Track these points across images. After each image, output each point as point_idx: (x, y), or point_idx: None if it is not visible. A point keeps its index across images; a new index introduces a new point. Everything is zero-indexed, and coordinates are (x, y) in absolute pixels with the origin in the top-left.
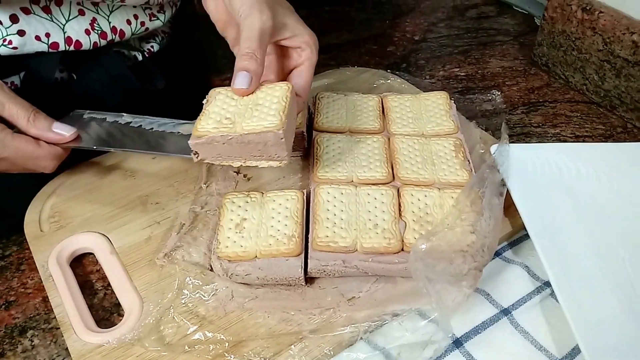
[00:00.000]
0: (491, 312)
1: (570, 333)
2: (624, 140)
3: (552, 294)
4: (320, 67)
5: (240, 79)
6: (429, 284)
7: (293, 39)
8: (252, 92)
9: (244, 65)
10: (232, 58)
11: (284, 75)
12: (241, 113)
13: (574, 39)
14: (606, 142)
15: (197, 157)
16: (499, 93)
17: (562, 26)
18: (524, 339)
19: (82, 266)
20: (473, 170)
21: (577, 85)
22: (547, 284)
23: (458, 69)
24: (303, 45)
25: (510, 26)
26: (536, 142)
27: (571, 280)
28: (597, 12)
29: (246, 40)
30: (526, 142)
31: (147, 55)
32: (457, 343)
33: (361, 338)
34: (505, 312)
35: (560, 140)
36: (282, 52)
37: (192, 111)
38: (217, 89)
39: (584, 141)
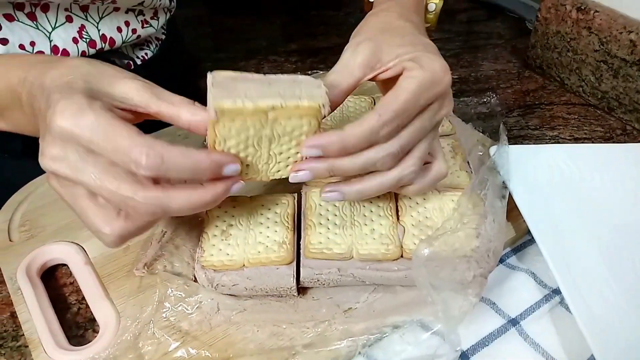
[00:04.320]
0: (498, 322)
1: (583, 343)
2: (624, 142)
3: (562, 302)
4: (308, 71)
5: None
6: (434, 292)
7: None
8: None
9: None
10: (216, 60)
11: None
12: None
13: (568, 40)
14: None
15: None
16: (494, 95)
17: (556, 27)
18: (535, 351)
19: (55, 279)
20: (472, 172)
21: (573, 87)
22: (556, 291)
23: (451, 72)
24: (408, 65)
25: (502, 29)
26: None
27: (581, 286)
28: (593, 12)
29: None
30: (524, 145)
31: (140, 63)
32: (464, 357)
33: (359, 352)
34: (513, 322)
35: (558, 143)
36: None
37: None
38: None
39: (583, 143)
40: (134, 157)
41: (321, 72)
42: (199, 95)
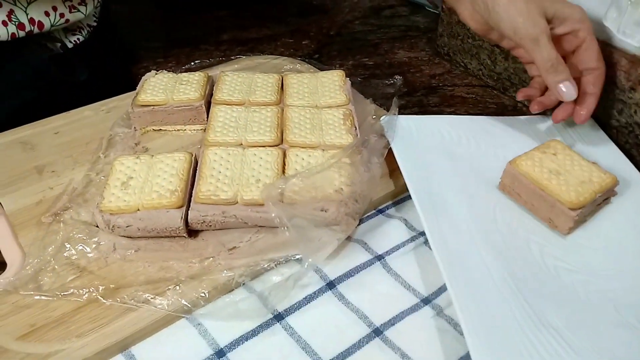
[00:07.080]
0: (366, 258)
1: (438, 274)
2: None
3: (426, 242)
4: (232, 57)
5: (568, 91)
6: (287, 221)
7: (565, 24)
8: None
9: (561, 78)
10: (149, 49)
11: (567, 58)
12: None
13: (468, 28)
14: None
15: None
16: (400, 77)
17: (458, 16)
18: (394, 280)
19: None
20: (359, 136)
21: (475, 71)
22: (422, 233)
23: (367, 59)
24: (576, 25)
25: (421, 23)
26: None
27: (442, 227)
28: None
29: (542, 59)
30: (413, 115)
31: (71, 47)
32: (330, 285)
33: (241, 284)
34: (379, 257)
35: None
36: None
37: None
38: None
39: None
40: None
41: (244, 57)
42: (131, 80)
